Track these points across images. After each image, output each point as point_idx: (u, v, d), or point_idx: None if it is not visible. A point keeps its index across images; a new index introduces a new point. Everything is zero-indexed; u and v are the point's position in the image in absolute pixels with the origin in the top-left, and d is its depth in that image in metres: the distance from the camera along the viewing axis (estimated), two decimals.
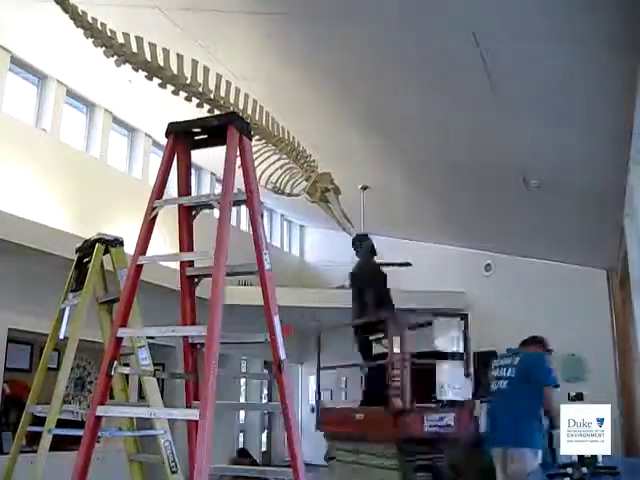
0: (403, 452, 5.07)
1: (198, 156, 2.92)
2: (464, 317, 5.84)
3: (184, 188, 2.83)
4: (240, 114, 4.68)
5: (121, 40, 4.95)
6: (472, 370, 5.73)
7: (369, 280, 6.30)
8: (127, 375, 3.82)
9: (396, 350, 5.37)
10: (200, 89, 5.51)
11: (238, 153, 2.68)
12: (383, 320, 5.66)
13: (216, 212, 2.70)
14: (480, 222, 8.70)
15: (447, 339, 5.65)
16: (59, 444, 4.65)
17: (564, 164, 6.06)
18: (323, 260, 6.96)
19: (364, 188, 9.08)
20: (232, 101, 5.84)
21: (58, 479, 3.35)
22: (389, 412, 5.16)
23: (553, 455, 5.47)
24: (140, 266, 2.57)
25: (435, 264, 10.70)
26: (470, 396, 5.46)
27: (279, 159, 7.02)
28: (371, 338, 6.11)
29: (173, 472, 3.34)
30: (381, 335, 5.91)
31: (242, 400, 11.44)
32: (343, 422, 5.98)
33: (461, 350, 5.64)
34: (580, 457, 3.82)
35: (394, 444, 5.11)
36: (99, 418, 2.41)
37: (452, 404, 5.24)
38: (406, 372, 5.21)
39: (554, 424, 5.30)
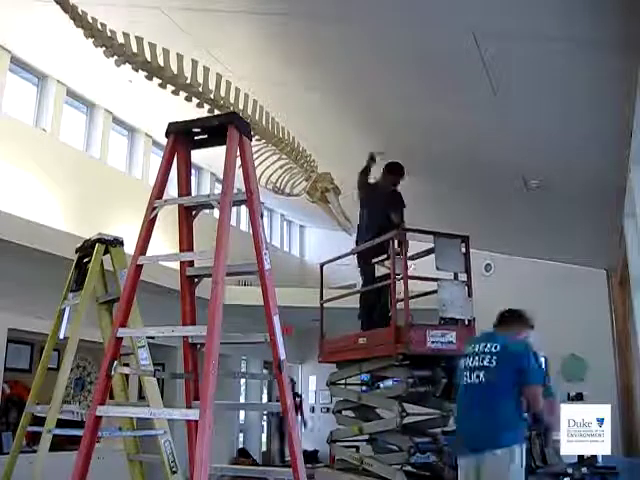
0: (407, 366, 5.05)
1: (198, 156, 2.92)
2: (465, 239, 5.72)
3: (184, 188, 2.84)
4: (240, 114, 4.68)
5: (121, 40, 4.95)
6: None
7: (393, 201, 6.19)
8: (127, 375, 3.83)
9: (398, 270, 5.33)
10: (200, 89, 5.51)
11: (238, 153, 2.69)
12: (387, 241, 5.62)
13: (216, 212, 2.70)
14: (480, 222, 8.67)
15: (449, 259, 5.57)
16: (59, 444, 4.68)
17: (564, 164, 6.06)
18: (323, 260, 6.92)
19: None
20: (232, 101, 5.84)
21: (58, 479, 3.35)
22: (392, 328, 5.14)
23: (544, 457, 5.46)
24: (140, 266, 2.58)
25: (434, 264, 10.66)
26: (472, 315, 5.38)
27: (279, 159, 7.02)
28: (374, 261, 6.07)
29: (173, 472, 3.35)
30: (384, 256, 5.84)
31: (242, 400, 11.44)
32: (346, 349, 5.92)
33: (463, 270, 5.59)
34: (580, 457, 3.81)
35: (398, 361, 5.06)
36: (99, 418, 2.41)
37: (454, 322, 5.21)
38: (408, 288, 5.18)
39: (548, 428, 5.19)
